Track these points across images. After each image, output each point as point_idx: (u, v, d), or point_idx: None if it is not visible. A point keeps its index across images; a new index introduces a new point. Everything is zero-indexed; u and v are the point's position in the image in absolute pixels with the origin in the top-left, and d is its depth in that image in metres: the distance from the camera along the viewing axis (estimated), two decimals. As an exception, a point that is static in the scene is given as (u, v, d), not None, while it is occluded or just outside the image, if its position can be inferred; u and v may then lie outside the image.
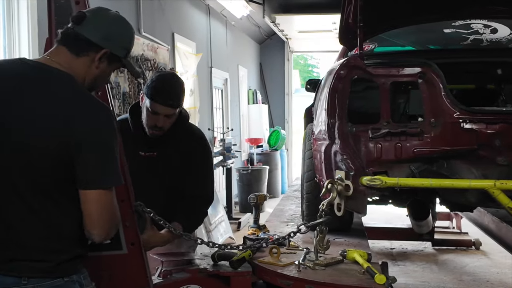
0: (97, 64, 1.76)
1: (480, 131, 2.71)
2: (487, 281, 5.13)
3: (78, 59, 1.73)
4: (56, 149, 1.63)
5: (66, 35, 1.76)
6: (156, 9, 5.99)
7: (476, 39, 3.35)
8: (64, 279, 1.69)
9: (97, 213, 1.68)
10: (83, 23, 1.74)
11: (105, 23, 1.79)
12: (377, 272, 2.52)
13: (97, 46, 1.75)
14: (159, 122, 2.54)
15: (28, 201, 1.65)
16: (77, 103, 1.67)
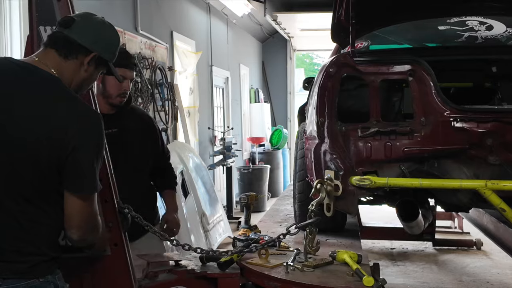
0: (86, 67, 1.79)
1: (472, 130, 2.66)
2: (487, 282, 5.07)
3: (67, 62, 1.75)
4: (42, 153, 1.64)
5: (55, 38, 1.78)
6: (153, 7, 5.97)
7: (471, 36, 3.29)
8: (39, 279, 1.71)
9: (77, 215, 1.72)
10: (72, 27, 1.77)
11: (94, 28, 1.82)
12: (365, 274, 2.48)
13: (86, 49, 1.78)
14: (126, 87, 2.68)
15: (6, 204, 1.66)
16: (66, 107, 1.68)
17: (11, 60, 1.77)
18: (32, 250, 1.70)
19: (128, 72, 2.67)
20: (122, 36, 5.04)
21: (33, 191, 1.68)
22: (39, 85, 1.69)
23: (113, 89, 2.65)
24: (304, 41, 11.92)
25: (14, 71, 1.70)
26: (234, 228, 7.07)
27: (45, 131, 1.64)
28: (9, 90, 1.67)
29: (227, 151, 7.73)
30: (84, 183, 1.71)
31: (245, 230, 3.25)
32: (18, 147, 1.64)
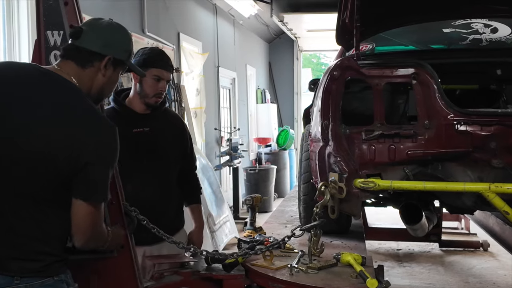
0: (103, 72, 1.83)
1: (475, 133, 2.66)
2: (494, 283, 5.06)
3: (85, 71, 1.80)
4: (60, 159, 1.68)
5: (68, 50, 1.83)
6: (160, 8, 6.00)
7: (475, 39, 3.29)
8: (54, 278, 1.75)
9: (82, 222, 1.76)
10: (81, 37, 1.81)
11: (102, 32, 1.85)
12: (369, 276, 2.49)
13: (100, 54, 1.81)
14: (163, 87, 2.71)
15: (24, 204, 1.71)
16: (83, 119, 1.73)
17: (35, 66, 1.82)
18: (48, 250, 1.75)
19: (164, 73, 2.70)
20: (129, 38, 5.07)
21: (49, 193, 1.72)
22: (59, 93, 1.74)
23: (149, 89, 2.69)
24: (311, 42, 11.92)
25: (36, 76, 1.75)
26: (240, 228, 7.09)
27: (61, 139, 1.68)
28: (30, 93, 1.71)
29: (233, 152, 7.75)
30: (94, 193, 1.75)
31: (250, 231, 3.27)
32: (34, 149, 1.68)
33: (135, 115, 2.72)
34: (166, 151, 2.78)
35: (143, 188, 2.64)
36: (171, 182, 2.84)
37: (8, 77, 1.76)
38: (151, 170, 2.68)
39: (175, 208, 2.89)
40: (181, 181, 2.91)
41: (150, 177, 2.67)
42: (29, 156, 1.68)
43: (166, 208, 2.78)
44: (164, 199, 2.77)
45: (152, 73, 2.67)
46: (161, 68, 2.69)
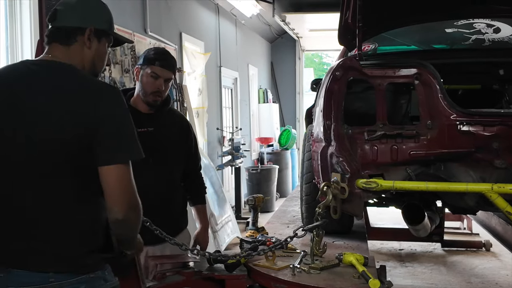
0: (88, 44, 1.81)
1: (478, 134, 2.66)
2: (496, 283, 5.05)
3: (71, 47, 1.78)
4: (76, 139, 1.66)
5: (50, 34, 1.81)
6: (162, 8, 6.00)
7: (478, 39, 3.29)
8: (89, 275, 1.70)
9: (117, 188, 1.68)
10: (57, 17, 1.80)
11: (77, 6, 1.82)
12: (371, 277, 2.49)
13: (79, 28, 1.79)
14: (161, 86, 2.70)
15: (55, 198, 1.68)
16: (85, 89, 1.71)
17: (28, 61, 1.81)
18: (82, 244, 1.70)
19: (161, 71, 2.70)
20: (131, 38, 5.08)
21: (77, 183, 1.70)
22: (54, 77, 1.73)
23: (147, 87, 2.70)
24: (313, 41, 11.91)
25: (33, 71, 1.74)
26: (242, 228, 7.10)
27: (73, 118, 1.66)
28: (28, 89, 1.70)
29: (235, 152, 7.75)
30: (116, 151, 1.69)
31: (252, 231, 3.27)
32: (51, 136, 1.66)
33: (139, 115, 2.72)
34: (170, 150, 2.79)
35: (148, 188, 2.64)
36: (175, 181, 2.85)
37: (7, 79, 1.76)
38: (155, 169, 2.67)
39: (180, 208, 2.90)
40: (186, 181, 2.92)
41: (155, 176, 2.66)
42: (48, 144, 1.66)
43: (171, 208, 2.79)
44: (169, 198, 2.78)
45: (149, 70, 2.68)
46: (159, 66, 2.69)
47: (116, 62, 4.76)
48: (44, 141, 1.66)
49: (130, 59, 5.00)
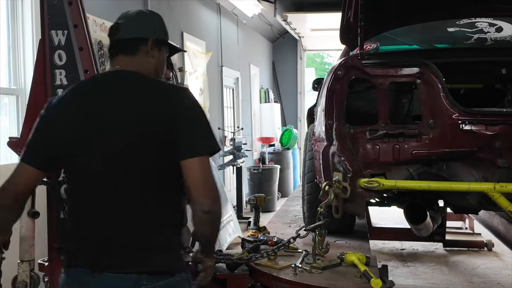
0: (152, 54, 1.88)
1: (480, 133, 2.65)
2: (498, 283, 5.03)
3: (136, 57, 1.86)
4: (158, 138, 1.72)
5: (114, 46, 1.89)
6: (164, 8, 6.00)
7: (480, 38, 3.28)
8: (176, 278, 1.72)
9: (202, 179, 1.71)
10: (120, 30, 1.88)
11: (137, 19, 1.92)
12: (373, 276, 2.49)
13: (142, 39, 1.88)
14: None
15: (144, 199, 1.72)
16: (159, 91, 1.79)
17: (99, 75, 1.94)
18: (169, 243, 1.74)
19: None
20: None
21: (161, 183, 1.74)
22: (131, 83, 1.80)
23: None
24: (315, 41, 11.89)
25: (107, 80, 1.85)
26: (244, 228, 7.07)
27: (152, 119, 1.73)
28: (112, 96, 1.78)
29: (237, 151, 7.74)
30: (199, 145, 1.74)
31: (254, 231, 3.27)
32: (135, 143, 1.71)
33: None
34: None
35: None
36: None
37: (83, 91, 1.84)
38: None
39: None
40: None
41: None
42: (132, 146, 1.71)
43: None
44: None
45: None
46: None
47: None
48: (128, 144, 1.72)
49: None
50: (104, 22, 4.54)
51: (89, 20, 4.22)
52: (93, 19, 4.35)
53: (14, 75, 3.74)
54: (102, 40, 4.47)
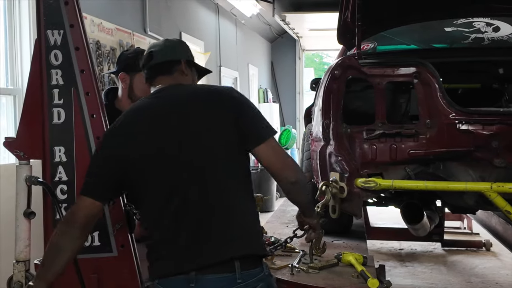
0: (186, 72, 2.03)
1: (477, 133, 2.65)
2: (496, 283, 5.03)
3: (173, 76, 2.00)
4: (234, 137, 1.84)
5: (151, 70, 2.01)
6: (162, 8, 6.00)
7: (477, 38, 3.28)
8: (264, 273, 1.82)
9: (280, 156, 1.88)
10: (153, 57, 2.01)
11: (167, 46, 2.06)
12: (370, 276, 2.49)
13: (176, 61, 2.02)
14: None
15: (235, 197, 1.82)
16: (214, 93, 1.93)
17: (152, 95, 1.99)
18: (258, 240, 1.84)
19: None
20: (131, 37, 5.07)
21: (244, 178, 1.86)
22: (186, 91, 1.95)
23: (141, 93, 2.65)
24: (313, 41, 11.89)
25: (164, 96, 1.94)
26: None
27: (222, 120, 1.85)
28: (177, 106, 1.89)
29: (235, 151, 7.73)
30: (265, 129, 1.88)
31: (251, 231, 3.26)
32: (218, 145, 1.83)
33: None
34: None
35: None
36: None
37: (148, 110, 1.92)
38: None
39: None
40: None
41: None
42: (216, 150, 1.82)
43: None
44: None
45: (142, 76, 2.61)
46: None
47: (116, 62, 4.75)
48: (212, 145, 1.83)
49: (129, 59, 4.99)
50: (102, 22, 4.54)
51: (87, 20, 4.24)
52: (90, 19, 4.35)
53: (11, 75, 3.74)
54: (100, 40, 4.47)
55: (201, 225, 1.77)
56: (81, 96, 2.20)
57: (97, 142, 2.06)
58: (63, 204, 2.17)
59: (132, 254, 2.29)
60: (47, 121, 2.17)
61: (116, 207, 2.23)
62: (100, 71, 4.45)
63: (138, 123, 1.88)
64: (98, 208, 1.85)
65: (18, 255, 2.19)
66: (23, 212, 2.19)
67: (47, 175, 2.19)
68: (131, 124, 1.89)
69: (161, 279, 1.78)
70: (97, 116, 2.21)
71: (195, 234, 1.77)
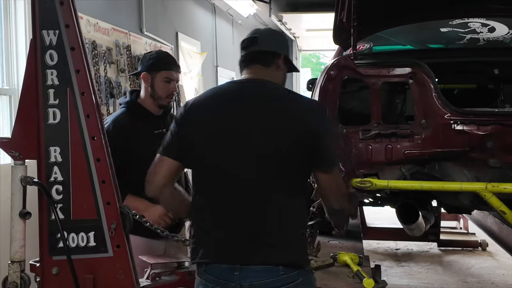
0: (282, 68, 2.04)
1: (472, 133, 2.66)
2: (492, 283, 5.05)
3: (269, 69, 2.00)
4: (298, 143, 1.86)
5: (250, 56, 2.00)
6: (159, 8, 5.99)
7: (472, 38, 3.29)
8: (305, 268, 1.90)
9: (336, 187, 1.95)
10: (257, 42, 2.00)
11: (272, 35, 2.08)
12: (365, 276, 2.49)
13: (277, 54, 2.02)
14: (174, 88, 2.81)
15: (284, 198, 1.87)
16: (298, 103, 1.95)
17: (236, 81, 2.04)
18: (299, 237, 1.91)
19: (173, 74, 2.79)
20: (127, 37, 5.07)
21: (296, 181, 1.89)
22: (270, 92, 1.96)
23: (162, 91, 2.76)
24: (310, 41, 11.91)
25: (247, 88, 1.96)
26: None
27: (295, 127, 1.87)
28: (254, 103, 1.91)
29: (232, 152, 7.73)
30: (332, 160, 1.94)
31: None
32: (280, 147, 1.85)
33: (153, 117, 2.80)
34: None
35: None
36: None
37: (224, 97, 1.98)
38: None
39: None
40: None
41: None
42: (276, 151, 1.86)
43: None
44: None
45: (162, 75, 2.75)
46: (171, 69, 2.78)
47: (112, 62, 4.74)
48: (273, 149, 1.86)
49: (126, 59, 4.99)
50: (98, 22, 4.53)
51: (83, 20, 4.24)
52: (86, 19, 4.34)
53: (7, 75, 3.73)
54: (96, 40, 4.46)
55: (249, 223, 1.85)
56: (76, 96, 2.19)
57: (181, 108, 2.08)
58: (58, 205, 2.16)
59: (127, 254, 2.28)
60: (43, 121, 2.16)
61: (111, 207, 2.23)
62: (96, 71, 4.44)
63: (213, 109, 1.93)
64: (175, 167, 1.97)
65: (13, 256, 2.18)
66: (19, 212, 2.19)
67: (42, 176, 2.18)
68: (206, 106, 1.95)
69: (208, 265, 1.88)
70: (93, 116, 2.20)
71: (242, 229, 1.85)
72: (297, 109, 1.92)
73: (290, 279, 1.82)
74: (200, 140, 1.91)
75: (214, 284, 1.87)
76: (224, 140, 1.89)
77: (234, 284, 1.83)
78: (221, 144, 1.89)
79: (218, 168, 1.90)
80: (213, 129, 1.91)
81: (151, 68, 2.76)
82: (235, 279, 1.83)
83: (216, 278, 1.86)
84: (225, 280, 1.84)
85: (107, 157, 2.20)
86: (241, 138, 1.88)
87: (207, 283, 1.89)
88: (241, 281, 1.82)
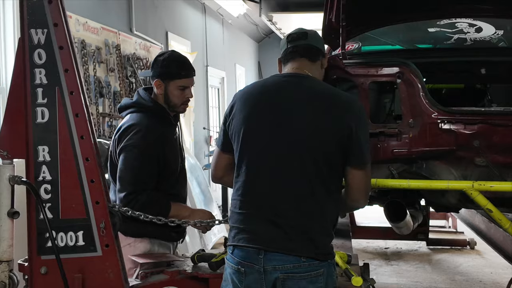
0: (323, 66, 2.15)
1: (459, 132, 2.69)
2: (480, 281, 5.10)
3: (315, 64, 2.11)
4: (335, 139, 1.95)
5: (302, 49, 2.10)
6: (148, 7, 5.98)
7: (460, 38, 3.32)
8: (328, 261, 1.98)
9: (365, 185, 2.04)
10: (308, 37, 2.11)
11: (318, 36, 2.18)
12: (354, 274, 2.50)
13: (322, 52, 2.15)
14: (190, 94, 2.75)
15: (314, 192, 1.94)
16: (340, 99, 2.02)
17: (280, 75, 2.12)
18: (327, 231, 1.99)
19: (189, 81, 2.72)
20: (117, 37, 5.06)
21: (328, 176, 1.96)
22: (314, 87, 2.03)
23: (177, 99, 2.68)
24: (300, 41, 11.91)
25: (293, 82, 2.05)
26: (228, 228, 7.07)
27: (335, 122, 1.95)
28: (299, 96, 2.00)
29: (222, 151, 7.72)
30: (365, 158, 1.99)
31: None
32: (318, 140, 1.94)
33: (170, 121, 2.75)
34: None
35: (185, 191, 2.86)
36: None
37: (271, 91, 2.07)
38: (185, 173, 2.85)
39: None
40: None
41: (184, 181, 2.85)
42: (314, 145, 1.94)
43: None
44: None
45: (176, 84, 2.66)
46: (186, 77, 2.69)
47: (101, 61, 4.73)
48: (317, 143, 1.94)
49: (115, 58, 4.98)
50: (87, 21, 4.52)
51: (72, 19, 4.22)
52: (76, 18, 4.33)
53: (-5, 74, 3.71)
54: (85, 39, 4.45)
55: (282, 212, 1.94)
56: (65, 95, 2.19)
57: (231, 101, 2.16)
58: (47, 204, 2.16)
59: (116, 253, 2.28)
60: (31, 120, 2.16)
61: (100, 206, 2.23)
62: (85, 70, 4.43)
63: (257, 103, 2.03)
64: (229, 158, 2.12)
65: (1, 255, 2.17)
66: (7, 212, 2.18)
67: (30, 175, 2.18)
68: (251, 98, 2.05)
69: (236, 248, 2.00)
70: (81, 116, 2.20)
71: (274, 217, 1.94)
72: (339, 106, 1.98)
73: (312, 268, 1.91)
74: (244, 130, 2.00)
75: (240, 266, 1.97)
76: (267, 131, 1.98)
77: (258, 267, 1.93)
78: (263, 135, 1.99)
79: (257, 160, 2.00)
80: (258, 121, 2.00)
81: (165, 77, 2.65)
82: (259, 262, 1.92)
83: (243, 260, 1.96)
84: (251, 263, 1.95)
85: (95, 156, 2.20)
86: (284, 131, 1.96)
87: (233, 264, 2.00)
88: (264, 265, 1.92)
